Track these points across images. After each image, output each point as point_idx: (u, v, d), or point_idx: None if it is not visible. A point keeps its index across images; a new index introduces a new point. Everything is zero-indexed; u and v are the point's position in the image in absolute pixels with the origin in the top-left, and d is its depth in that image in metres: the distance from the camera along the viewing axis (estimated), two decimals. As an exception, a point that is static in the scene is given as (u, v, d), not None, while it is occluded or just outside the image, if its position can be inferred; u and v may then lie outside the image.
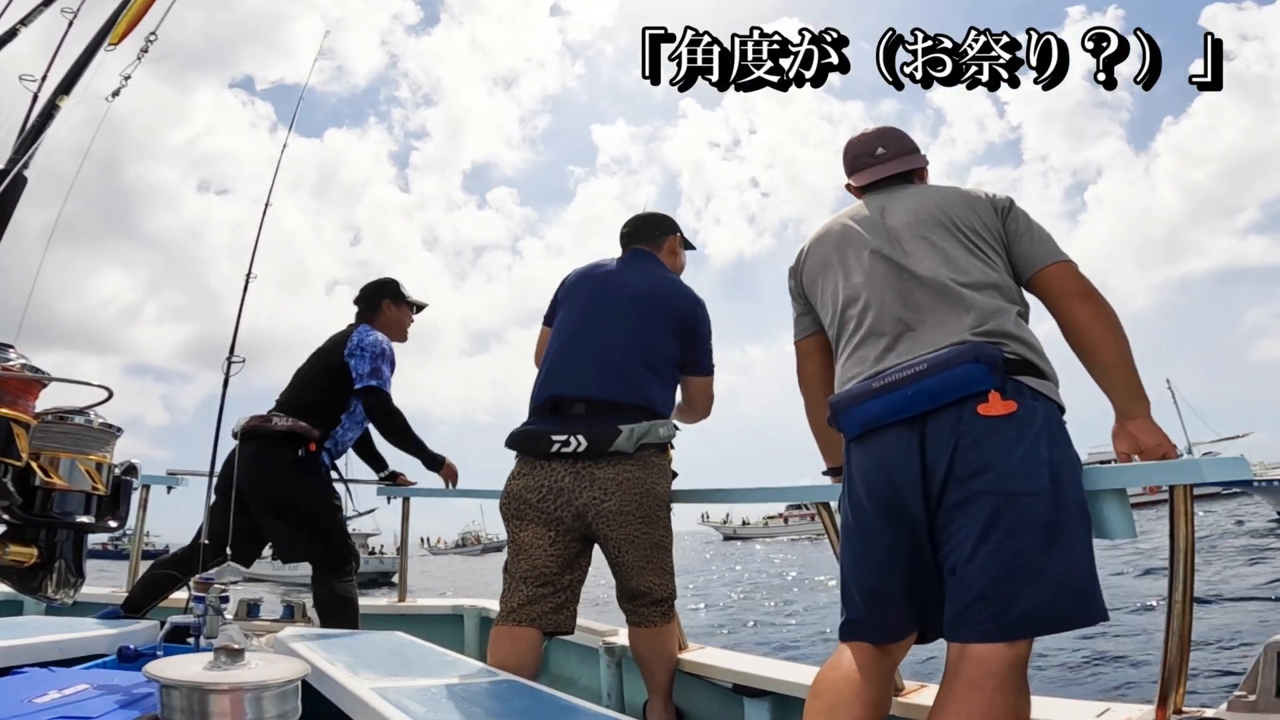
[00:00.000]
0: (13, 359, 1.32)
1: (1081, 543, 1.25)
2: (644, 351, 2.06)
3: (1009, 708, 1.16)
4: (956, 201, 1.53)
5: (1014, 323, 1.40)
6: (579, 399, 2.01)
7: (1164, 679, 1.30)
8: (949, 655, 1.25)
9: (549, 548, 2.01)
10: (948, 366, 1.31)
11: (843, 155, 1.78)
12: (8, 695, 1.26)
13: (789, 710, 1.88)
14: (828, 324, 1.62)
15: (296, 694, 1.00)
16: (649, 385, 2.05)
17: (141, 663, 1.74)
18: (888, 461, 1.37)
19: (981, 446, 1.27)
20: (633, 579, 2.02)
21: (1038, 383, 1.33)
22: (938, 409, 1.31)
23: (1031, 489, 1.24)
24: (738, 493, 2.31)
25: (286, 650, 1.87)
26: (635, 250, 2.30)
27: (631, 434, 1.95)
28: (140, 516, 3.39)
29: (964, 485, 1.27)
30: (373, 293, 2.96)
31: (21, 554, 1.32)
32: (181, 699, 0.90)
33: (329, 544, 2.69)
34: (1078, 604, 1.22)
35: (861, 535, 1.42)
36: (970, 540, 1.24)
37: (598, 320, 2.10)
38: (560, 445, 1.95)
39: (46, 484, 1.36)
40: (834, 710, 1.31)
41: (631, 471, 1.97)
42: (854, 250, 1.57)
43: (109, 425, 1.49)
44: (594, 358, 2.04)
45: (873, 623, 1.39)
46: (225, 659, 0.95)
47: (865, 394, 1.40)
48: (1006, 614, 1.20)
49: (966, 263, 1.46)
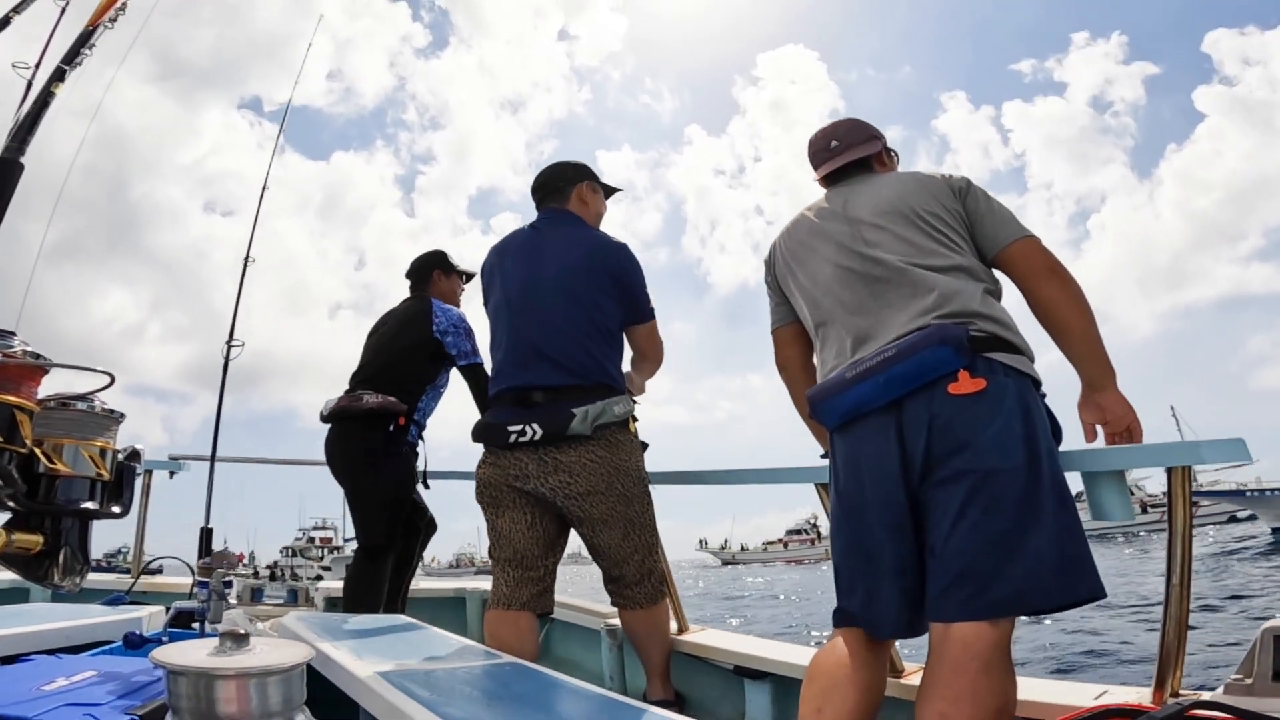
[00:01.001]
0: (15, 345, 1.32)
1: (1062, 518, 1.24)
2: (587, 325, 2.03)
3: (994, 689, 1.17)
4: (914, 189, 1.54)
5: (980, 301, 1.41)
6: (535, 388, 2.00)
7: (1161, 662, 1.31)
8: (932, 636, 1.26)
9: (527, 531, 2.02)
10: (914, 351, 1.33)
11: (807, 153, 1.80)
12: (16, 683, 1.27)
13: (789, 692, 1.89)
14: (803, 315, 1.64)
15: (302, 678, 1.01)
16: (601, 360, 2.03)
17: (147, 649, 1.75)
18: (868, 449, 1.39)
19: (955, 426, 1.28)
20: (611, 560, 2.03)
21: (1009, 358, 1.33)
22: (911, 393, 1.33)
23: (1007, 465, 1.25)
24: (723, 474, 2.29)
25: (291, 634, 1.89)
26: (548, 212, 2.22)
27: (586, 416, 1.94)
28: (143, 503, 3.40)
29: (942, 466, 1.29)
30: (423, 265, 2.99)
31: (27, 541, 1.33)
32: (188, 685, 0.91)
33: (391, 529, 2.72)
34: (1062, 581, 1.21)
35: (849, 523, 1.43)
36: (949, 519, 1.25)
37: (529, 305, 2.07)
38: (517, 435, 1.96)
39: (51, 470, 1.36)
40: (829, 694, 1.32)
41: (595, 452, 1.97)
42: (820, 243, 1.59)
43: (111, 411, 1.49)
44: (537, 345, 2.02)
45: (863, 609, 1.40)
46: (231, 644, 0.96)
47: (840, 385, 1.43)
48: (987, 592, 1.20)
49: (928, 248, 1.47)
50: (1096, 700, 1.37)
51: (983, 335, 1.34)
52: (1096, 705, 1.24)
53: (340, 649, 1.63)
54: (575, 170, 2.26)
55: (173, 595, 2.51)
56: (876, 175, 1.67)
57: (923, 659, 1.71)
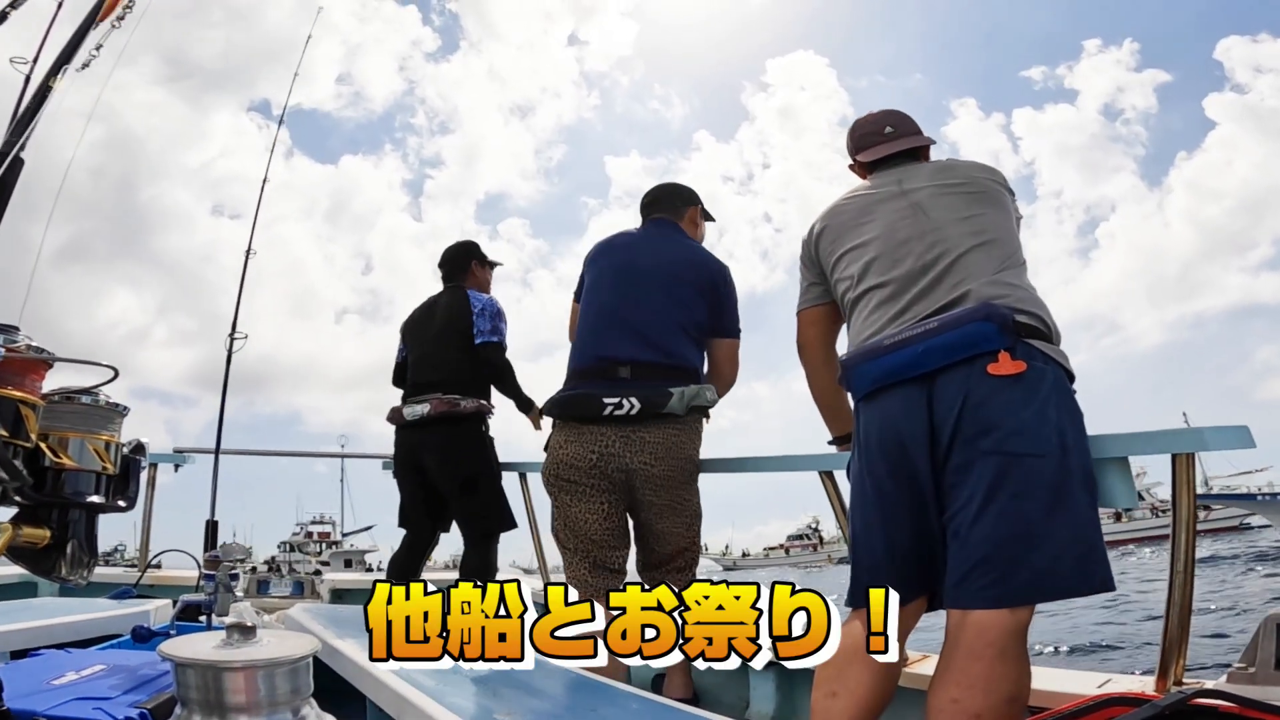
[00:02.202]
0: (19, 340, 1.32)
1: (1086, 509, 1.25)
2: (678, 315, 2.06)
3: (1009, 676, 1.17)
4: (970, 166, 1.57)
5: (1022, 280, 1.41)
6: (624, 362, 2.01)
7: (1164, 650, 1.31)
8: (949, 622, 1.25)
9: (603, 521, 2.01)
10: (958, 324, 1.31)
11: (849, 135, 1.78)
12: (26, 677, 1.28)
13: (794, 682, 1.90)
14: (848, 287, 1.59)
15: (309, 670, 1.01)
16: (686, 348, 2.06)
17: (155, 642, 1.76)
18: (896, 419, 1.36)
19: (989, 406, 1.26)
20: (666, 544, 2.03)
21: (1049, 347, 1.32)
22: (947, 367, 1.31)
23: (1038, 450, 1.23)
24: (728, 463, 2.29)
25: (298, 627, 1.90)
26: (657, 220, 2.28)
27: (683, 396, 1.96)
28: (149, 495, 3.42)
29: (970, 445, 1.27)
30: (459, 255, 3.05)
31: (34, 535, 1.33)
32: (196, 677, 0.92)
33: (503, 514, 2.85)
34: (1080, 570, 1.21)
35: (872, 496, 1.41)
36: (976, 502, 1.24)
37: (630, 286, 2.10)
38: (613, 408, 1.95)
39: (56, 464, 1.37)
40: (844, 673, 1.29)
41: (677, 436, 1.98)
42: (875, 216, 1.56)
43: (116, 404, 1.49)
44: (634, 322, 2.05)
45: (881, 585, 1.39)
46: (238, 636, 0.96)
47: (876, 350, 1.40)
48: (1009, 580, 1.19)
49: (982, 224, 1.46)
50: (1100, 689, 1.37)
51: (1026, 321, 1.32)
52: (1100, 694, 1.24)
53: (347, 641, 1.63)
54: (691, 193, 2.35)
55: (180, 588, 2.52)
56: (924, 161, 1.68)
57: (924, 646, 1.73)
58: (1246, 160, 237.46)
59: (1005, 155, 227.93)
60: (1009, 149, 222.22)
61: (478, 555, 2.79)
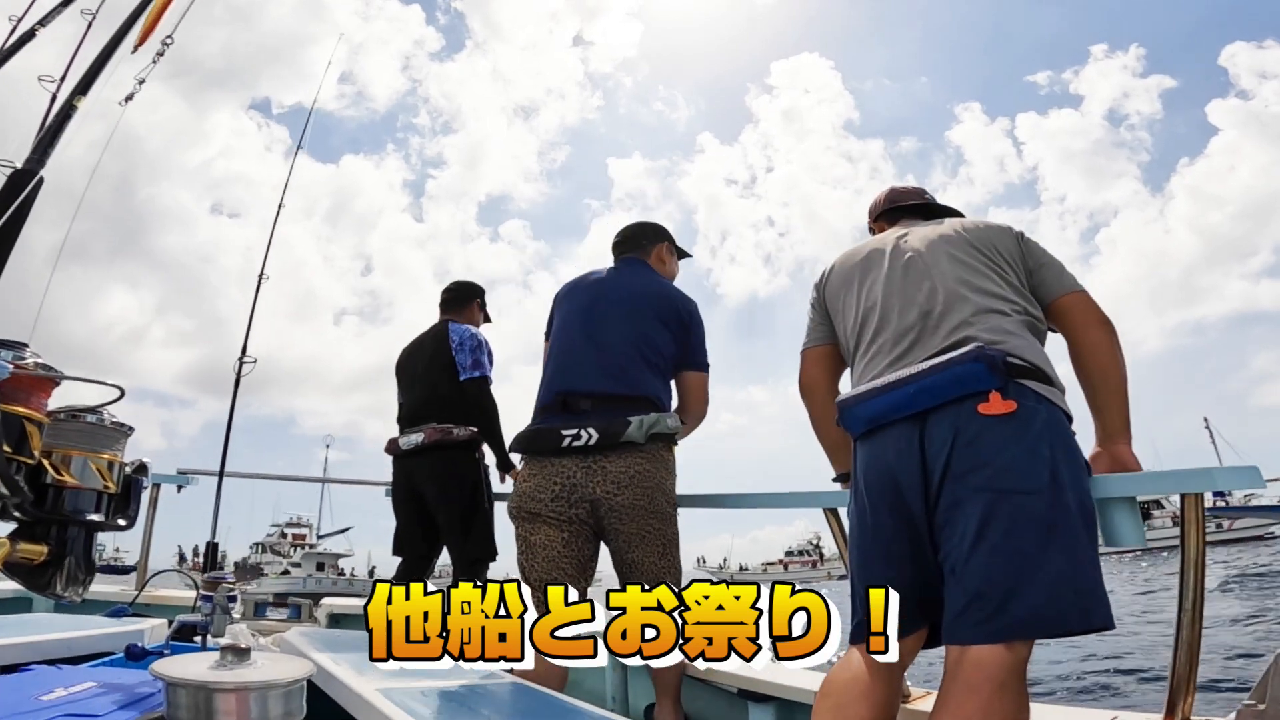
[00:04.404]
0: (27, 357, 1.33)
1: (1083, 547, 1.24)
2: (643, 348, 2.08)
3: (1006, 713, 1.16)
4: (974, 226, 1.61)
5: (1021, 330, 1.43)
6: (586, 394, 2.03)
7: (1172, 688, 1.29)
8: (948, 658, 1.25)
9: (563, 549, 2.00)
10: (949, 366, 1.34)
11: (884, 196, 1.88)
12: (15, 692, 1.26)
13: (794, 716, 1.87)
14: (847, 332, 1.66)
15: (302, 694, 1.01)
16: (651, 380, 2.08)
17: (149, 661, 1.74)
18: (889, 458, 1.39)
19: (979, 444, 1.28)
20: (643, 576, 2.01)
21: (1043, 388, 1.34)
22: (939, 406, 1.33)
23: (1028, 487, 1.24)
24: (742, 498, 2.30)
25: (293, 650, 1.88)
26: (626, 259, 2.33)
27: (641, 424, 1.97)
28: (150, 515, 3.41)
29: (961, 482, 1.28)
30: (466, 293, 3.12)
31: (31, 551, 1.33)
32: (187, 698, 0.91)
33: (488, 543, 2.85)
34: (1078, 607, 1.21)
35: (869, 533, 1.43)
36: (968, 539, 1.25)
37: (596, 321, 2.13)
38: (571, 439, 1.97)
39: (58, 482, 1.37)
40: (843, 709, 1.30)
41: (642, 465, 1.98)
42: (876, 265, 1.63)
43: (120, 424, 1.50)
44: (597, 356, 2.07)
45: None
46: (231, 658, 0.96)
47: (871, 392, 1.44)
48: (1004, 614, 1.19)
49: (983, 277, 1.50)
50: (1108, 728, 1.34)
51: (1020, 363, 1.34)
52: (1107, 733, 1.22)
53: (341, 665, 1.62)
54: (657, 231, 2.40)
55: (176, 608, 2.51)
56: (940, 220, 1.73)
57: (926, 682, 1.70)
58: (1249, 166, 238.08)
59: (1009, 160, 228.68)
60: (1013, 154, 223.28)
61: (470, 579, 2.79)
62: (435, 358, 2.90)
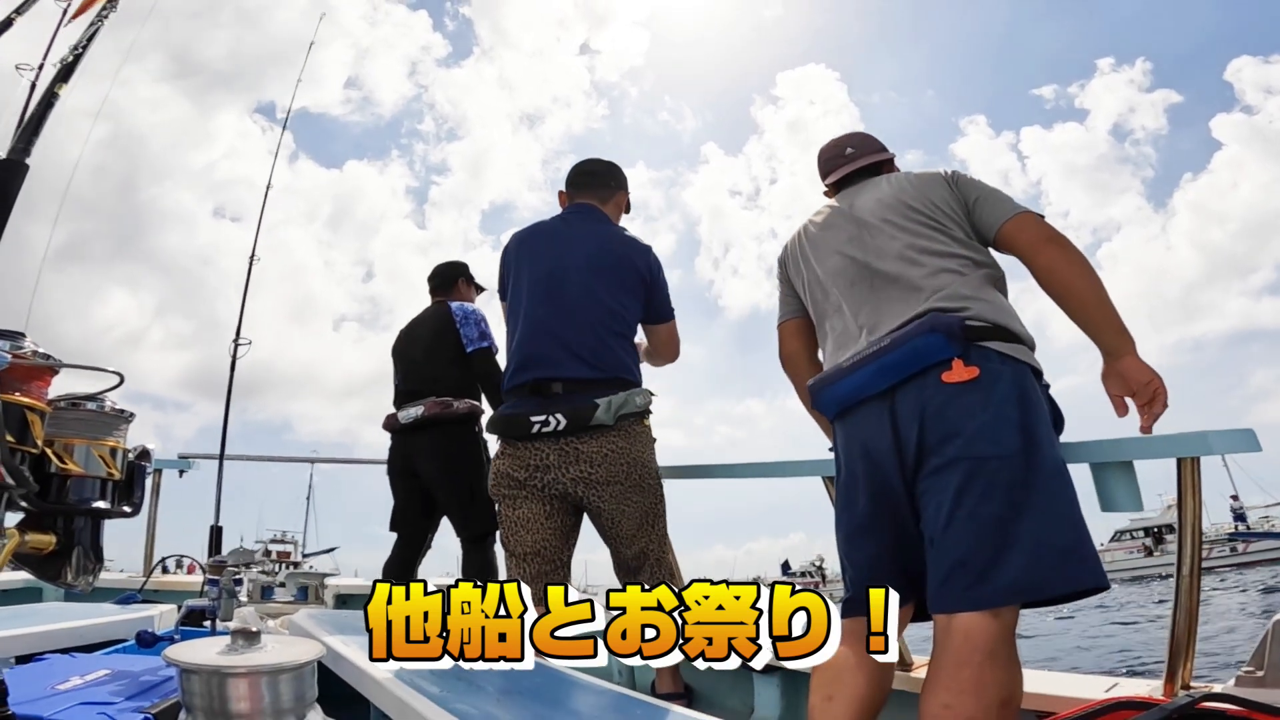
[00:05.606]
0: (25, 346, 1.32)
1: (1063, 505, 1.24)
2: (610, 321, 2.06)
3: (999, 680, 1.17)
4: (911, 185, 1.57)
5: (978, 288, 1.41)
6: (555, 379, 2.02)
7: (1171, 654, 1.31)
8: (935, 628, 1.26)
9: (545, 521, 2.02)
10: (907, 340, 1.34)
11: (816, 161, 1.82)
12: (31, 682, 1.28)
13: (798, 686, 1.89)
14: (810, 310, 1.66)
15: (313, 675, 1.02)
16: (621, 357, 2.06)
17: (160, 647, 1.77)
18: (863, 437, 1.40)
19: (947, 414, 1.29)
20: (628, 548, 2.04)
21: (1006, 346, 1.33)
22: (903, 381, 1.34)
23: (1001, 451, 1.24)
24: (732, 468, 2.30)
25: (301, 632, 1.90)
26: (580, 205, 2.22)
27: (609, 406, 1.96)
28: (153, 501, 3.43)
29: (935, 454, 1.29)
30: (449, 272, 3.11)
31: (40, 541, 1.33)
32: (201, 683, 0.92)
33: (491, 518, 2.78)
34: (1061, 570, 1.20)
35: (853, 509, 1.45)
36: (945, 508, 1.26)
37: (558, 297, 2.07)
38: (540, 425, 1.97)
39: (62, 470, 1.37)
40: (839, 679, 1.32)
41: (615, 442, 1.98)
42: (827, 242, 1.61)
43: (121, 410, 1.50)
44: (565, 337, 2.03)
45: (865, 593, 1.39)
46: (242, 642, 0.97)
47: (837, 374, 1.45)
48: (986, 581, 1.20)
49: (927, 238, 1.48)
50: (1107, 693, 1.37)
51: (979, 324, 1.34)
52: (1107, 698, 1.24)
53: (351, 646, 1.63)
54: (624, 177, 2.31)
55: (184, 594, 2.52)
56: (883, 176, 1.69)
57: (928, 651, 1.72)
58: (1252, 183, 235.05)
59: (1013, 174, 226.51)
60: (1017, 168, 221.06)
61: (478, 554, 2.80)
62: (439, 335, 2.88)
